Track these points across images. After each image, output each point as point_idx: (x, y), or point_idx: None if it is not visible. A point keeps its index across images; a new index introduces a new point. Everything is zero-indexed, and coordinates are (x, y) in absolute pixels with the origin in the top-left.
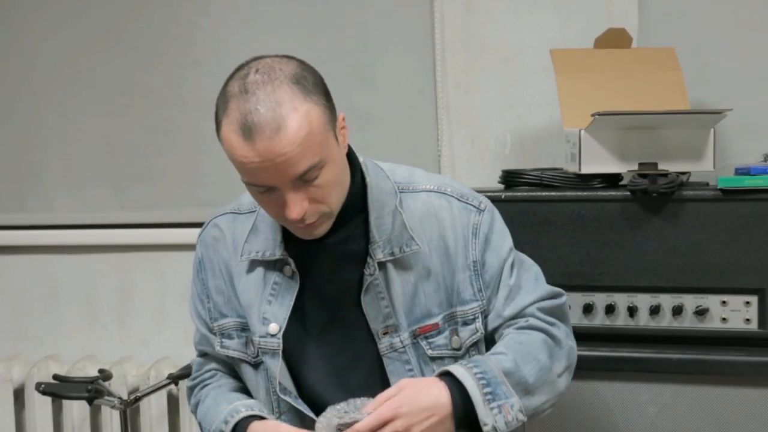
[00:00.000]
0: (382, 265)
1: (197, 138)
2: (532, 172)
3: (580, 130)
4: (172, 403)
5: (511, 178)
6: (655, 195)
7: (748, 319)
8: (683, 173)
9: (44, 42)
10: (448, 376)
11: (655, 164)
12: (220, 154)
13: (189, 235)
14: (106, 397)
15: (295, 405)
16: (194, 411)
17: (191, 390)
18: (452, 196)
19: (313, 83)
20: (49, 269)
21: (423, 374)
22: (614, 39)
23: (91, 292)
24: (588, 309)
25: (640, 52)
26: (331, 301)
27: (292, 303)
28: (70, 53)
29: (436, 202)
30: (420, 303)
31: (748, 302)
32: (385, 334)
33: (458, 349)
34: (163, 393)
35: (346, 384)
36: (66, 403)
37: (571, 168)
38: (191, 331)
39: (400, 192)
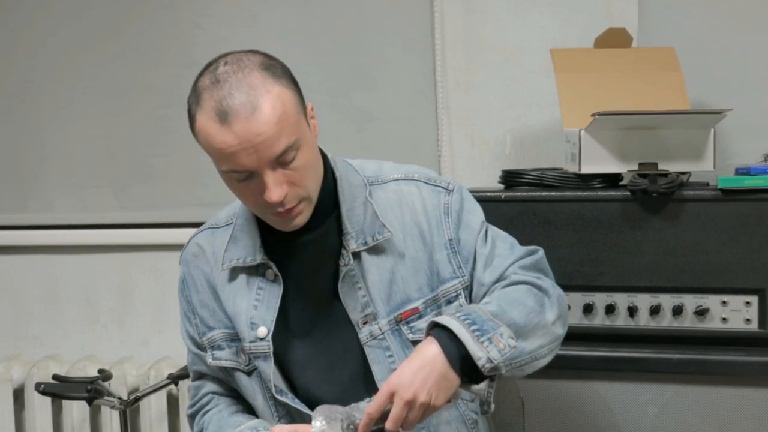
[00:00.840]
0: (356, 255)
1: None
2: (532, 172)
3: (580, 130)
4: (172, 403)
5: (511, 178)
6: (655, 195)
7: (748, 319)
8: (683, 173)
9: (44, 42)
10: (433, 329)
11: (655, 164)
12: None
13: (189, 235)
14: (106, 397)
15: (292, 405)
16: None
17: (192, 418)
18: (420, 181)
19: (281, 70)
20: (49, 269)
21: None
22: (614, 39)
23: (91, 292)
24: (588, 309)
25: (640, 52)
26: (314, 299)
27: (278, 305)
28: (70, 53)
29: (405, 189)
30: (398, 289)
31: (748, 302)
32: (365, 323)
33: None
34: (163, 393)
35: (337, 378)
36: (66, 403)
37: (571, 168)
38: None
39: (369, 185)
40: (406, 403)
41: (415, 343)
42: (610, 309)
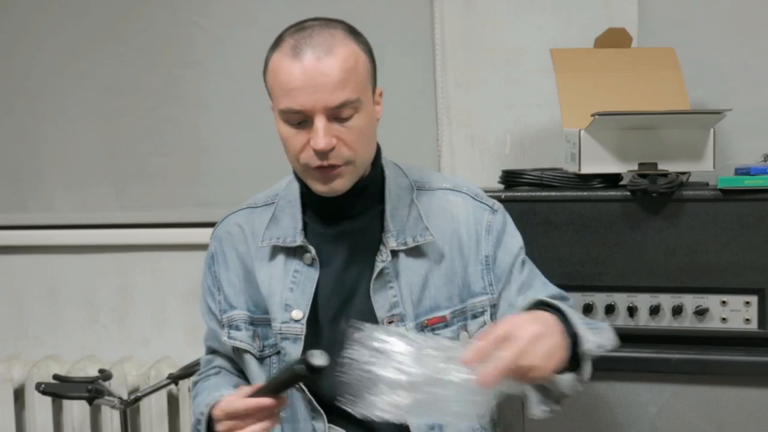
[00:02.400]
0: (394, 254)
1: (197, 138)
2: (532, 172)
3: (580, 130)
4: (172, 403)
5: (511, 178)
6: (655, 195)
7: (748, 319)
8: (683, 173)
9: (44, 42)
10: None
11: (655, 164)
12: (220, 154)
13: (189, 235)
14: (106, 397)
15: (304, 392)
16: (193, 396)
17: (195, 384)
18: (468, 195)
19: (364, 40)
20: (49, 269)
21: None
22: (614, 39)
23: (91, 292)
24: (588, 309)
25: (640, 52)
26: (345, 290)
27: (313, 289)
28: (70, 53)
29: (452, 199)
30: (429, 295)
31: (748, 302)
32: (390, 322)
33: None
34: (163, 393)
35: None
36: (66, 403)
37: (571, 168)
38: (191, 331)
39: (416, 189)
40: (519, 352)
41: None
42: (610, 309)
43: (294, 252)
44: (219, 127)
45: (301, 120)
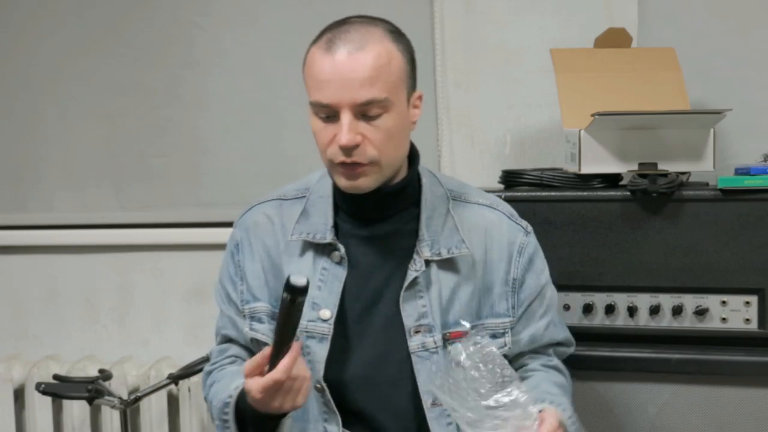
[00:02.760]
0: (427, 264)
1: (197, 138)
2: (532, 172)
3: (580, 130)
4: (172, 403)
5: (511, 178)
6: (655, 195)
7: (748, 319)
8: (683, 173)
9: (44, 42)
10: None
11: (655, 164)
12: (220, 154)
13: (189, 235)
14: (106, 397)
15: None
16: (207, 395)
17: (208, 374)
18: (503, 214)
19: (406, 42)
20: (49, 269)
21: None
22: (614, 39)
23: (91, 292)
24: (588, 309)
25: (640, 52)
26: (372, 294)
27: (341, 290)
28: (70, 53)
29: (488, 216)
30: (454, 309)
31: (748, 302)
32: (417, 332)
33: None
34: (163, 393)
35: (373, 378)
36: (66, 403)
37: (571, 168)
38: (191, 331)
39: (452, 199)
40: None
41: (456, 363)
42: (609, 309)
43: (323, 249)
44: (219, 127)
45: (330, 114)
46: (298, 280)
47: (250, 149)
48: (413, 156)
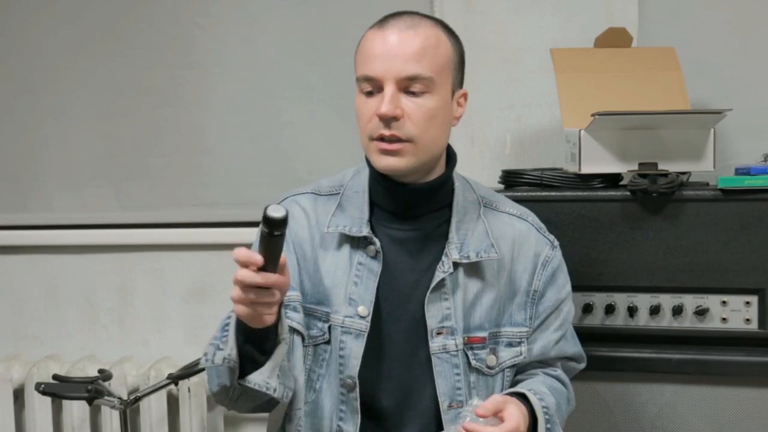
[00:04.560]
0: (455, 266)
1: (197, 138)
2: (532, 172)
3: (580, 130)
4: (172, 403)
5: (511, 178)
6: (655, 195)
7: (748, 319)
8: (683, 173)
9: (44, 42)
10: (521, 399)
11: (655, 164)
12: (220, 154)
13: (189, 235)
14: (106, 397)
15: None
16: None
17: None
18: (533, 226)
19: (457, 41)
20: (49, 269)
21: (468, 381)
22: (614, 38)
23: (91, 292)
24: (588, 309)
25: (640, 52)
26: (401, 293)
27: (376, 285)
28: (70, 53)
29: (518, 226)
30: (476, 314)
31: (748, 302)
32: (439, 334)
33: (492, 368)
34: (163, 393)
35: (395, 378)
36: (66, 403)
37: (571, 168)
38: (191, 331)
39: (483, 206)
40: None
41: (476, 369)
42: (609, 309)
43: (358, 243)
44: (219, 127)
45: (374, 88)
46: (275, 213)
47: (250, 149)
48: (450, 158)
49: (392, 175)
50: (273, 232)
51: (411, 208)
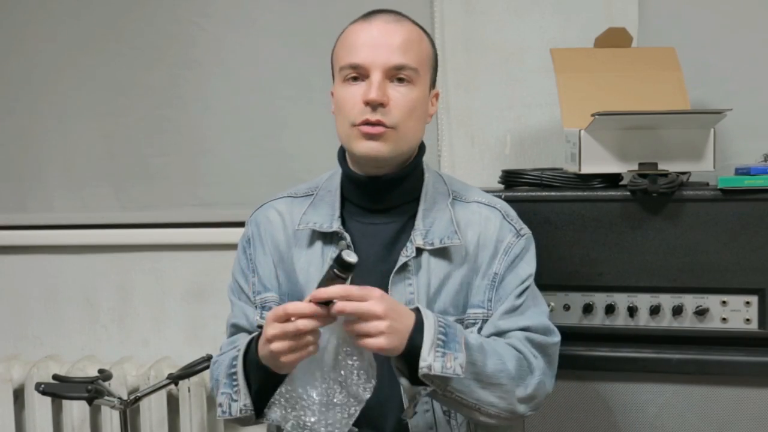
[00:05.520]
0: (419, 252)
1: (197, 138)
2: (532, 172)
3: (580, 130)
4: (172, 403)
5: (511, 178)
6: (655, 195)
7: (748, 319)
8: (683, 173)
9: (44, 42)
10: (418, 310)
11: (655, 164)
12: (220, 154)
13: (189, 235)
14: (106, 397)
15: None
16: (213, 376)
17: (214, 363)
18: (499, 212)
19: (433, 44)
20: (49, 269)
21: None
22: (614, 38)
23: (91, 292)
24: (588, 309)
25: (640, 52)
26: (371, 283)
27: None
28: (70, 53)
29: (484, 212)
30: (440, 300)
31: (748, 302)
32: None
33: None
34: (163, 393)
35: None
36: (66, 403)
37: (571, 168)
38: (191, 331)
39: (453, 198)
40: (369, 310)
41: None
42: (609, 309)
43: (330, 238)
44: (219, 127)
45: (360, 75)
46: (350, 258)
47: (250, 149)
48: (420, 149)
49: (367, 164)
50: (344, 275)
51: (381, 199)
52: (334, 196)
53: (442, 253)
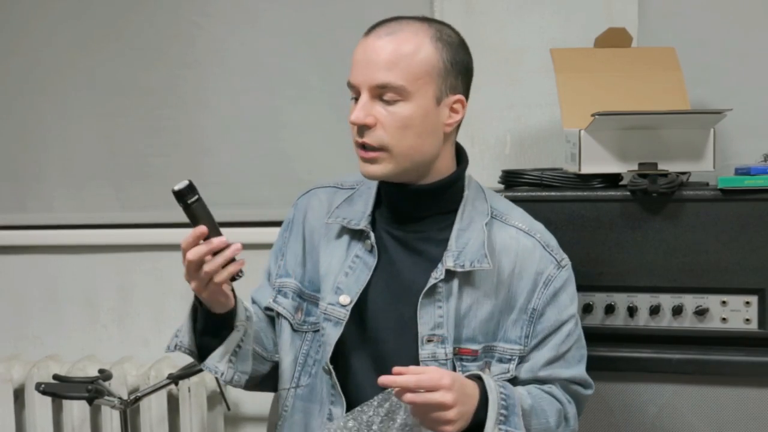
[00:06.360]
0: (450, 274)
1: (197, 138)
2: (532, 172)
3: (580, 130)
4: (172, 403)
5: (511, 178)
6: (655, 195)
7: (748, 319)
8: (683, 173)
9: (44, 42)
10: (476, 380)
11: (655, 164)
12: (220, 154)
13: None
14: (106, 397)
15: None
16: None
17: None
18: (539, 242)
19: (448, 42)
20: (49, 269)
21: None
22: (614, 38)
23: (91, 292)
24: (588, 309)
25: (640, 52)
26: (395, 292)
27: (367, 279)
28: (70, 53)
29: (522, 241)
30: (468, 325)
31: (748, 302)
32: (429, 341)
33: None
34: (163, 393)
35: (380, 374)
36: (66, 403)
37: (571, 168)
38: None
39: (492, 217)
40: (439, 402)
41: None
42: (609, 309)
43: (358, 236)
44: (219, 127)
45: (356, 95)
46: (177, 186)
47: (250, 149)
48: (460, 161)
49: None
50: (187, 202)
51: (413, 209)
52: (370, 194)
53: (472, 277)
